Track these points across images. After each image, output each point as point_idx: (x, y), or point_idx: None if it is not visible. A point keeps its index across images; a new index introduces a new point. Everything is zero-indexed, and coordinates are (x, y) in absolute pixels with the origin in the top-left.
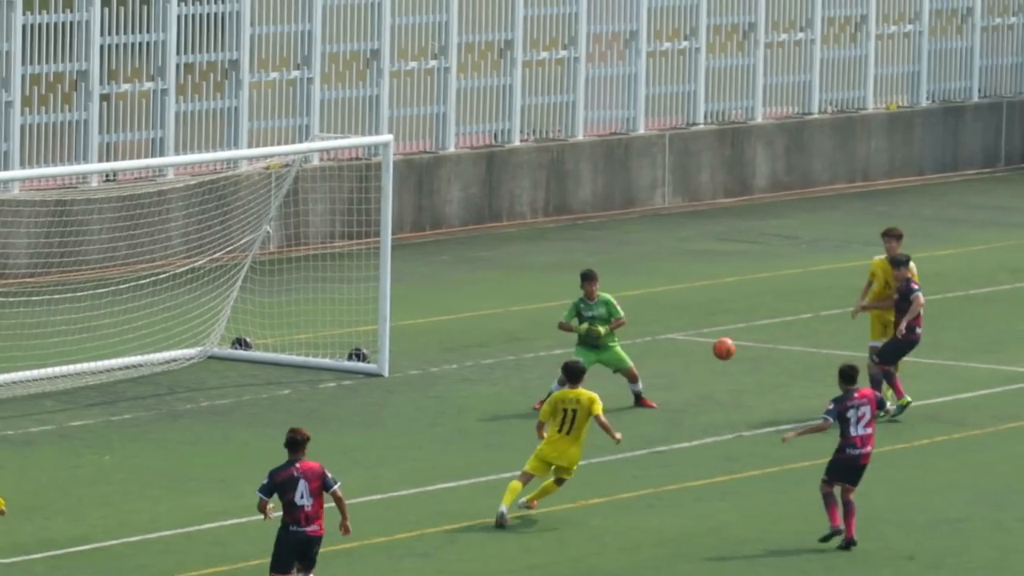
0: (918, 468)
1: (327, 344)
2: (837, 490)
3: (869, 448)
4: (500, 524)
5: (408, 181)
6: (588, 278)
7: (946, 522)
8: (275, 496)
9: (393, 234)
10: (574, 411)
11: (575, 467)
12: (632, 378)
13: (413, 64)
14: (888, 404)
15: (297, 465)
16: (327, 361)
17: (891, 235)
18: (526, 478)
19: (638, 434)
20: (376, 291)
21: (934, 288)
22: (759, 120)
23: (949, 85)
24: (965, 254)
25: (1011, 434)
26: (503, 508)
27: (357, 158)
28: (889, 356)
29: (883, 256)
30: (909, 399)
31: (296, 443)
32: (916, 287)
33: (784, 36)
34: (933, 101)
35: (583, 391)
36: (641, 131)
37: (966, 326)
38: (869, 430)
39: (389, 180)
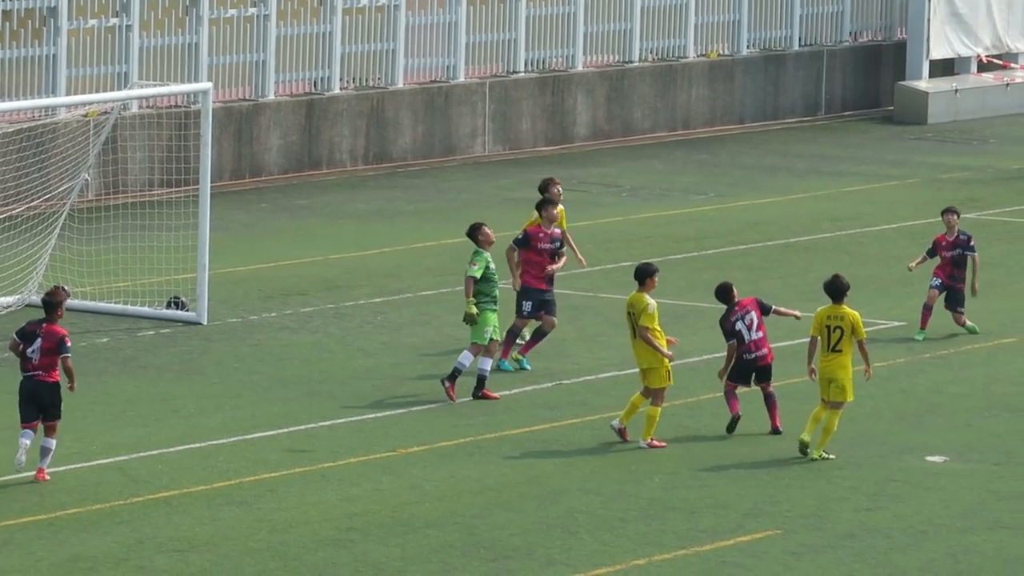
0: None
1: (146, 292)
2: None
3: (764, 350)
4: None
5: (227, 129)
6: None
7: (766, 470)
8: None
9: (212, 182)
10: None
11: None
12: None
13: (233, 12)
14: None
15: (43, 325)
16: (146, 309)
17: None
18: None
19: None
20: (195, 239)
21: (755, 237)
22: (580, 68)
23: (770, 34)
24: (786, 202)
25: None
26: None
27: (176, 106)
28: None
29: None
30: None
31: (48, 304)
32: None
33: None
34: (754, 49)
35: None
36: (461, 79)
37: (786, 274)
38: (760, 333)
39: (208, 128)
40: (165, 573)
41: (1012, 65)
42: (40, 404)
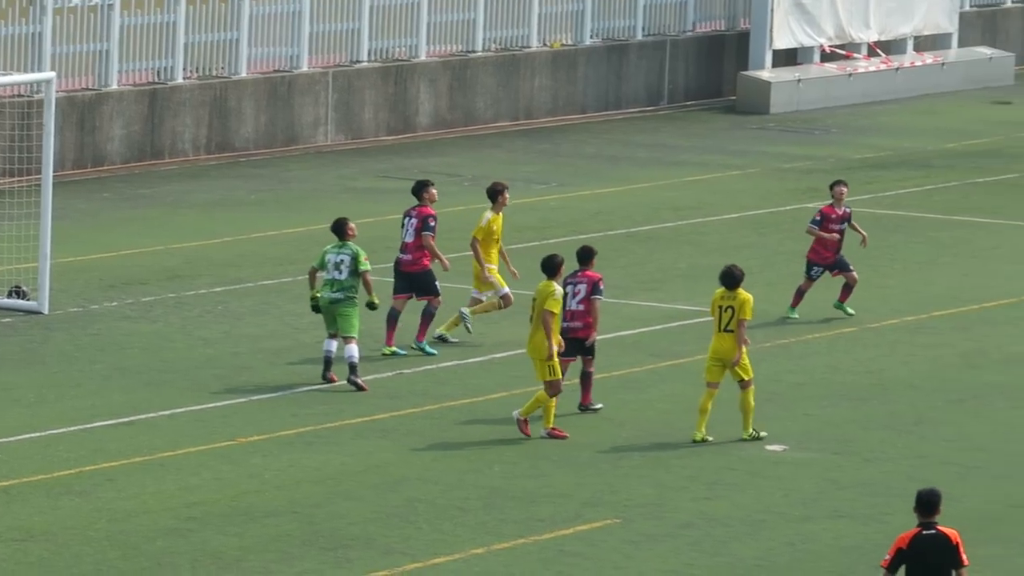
0: (564, 405)
1: None
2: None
3: (577, 324)
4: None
5: (70, 118)
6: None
7: (605, 459)
8: None
9: (55, 171)
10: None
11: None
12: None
13: (77, 1)
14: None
15: None
16: None
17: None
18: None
19: (296, 372)
20: (37, 228)
21: (597, 226)
22: (423, 58)
23: (613, 23)
24: (627, 192)
25: (669, 371)
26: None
27: (19, 95)
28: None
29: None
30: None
31: None
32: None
33: None
34: (597, 39)
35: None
36: (305, 69)
37: (628, 264)
38: (581, 307)
39: (51, 117)
40: (3, 562)
41: (855, 55)
42: None
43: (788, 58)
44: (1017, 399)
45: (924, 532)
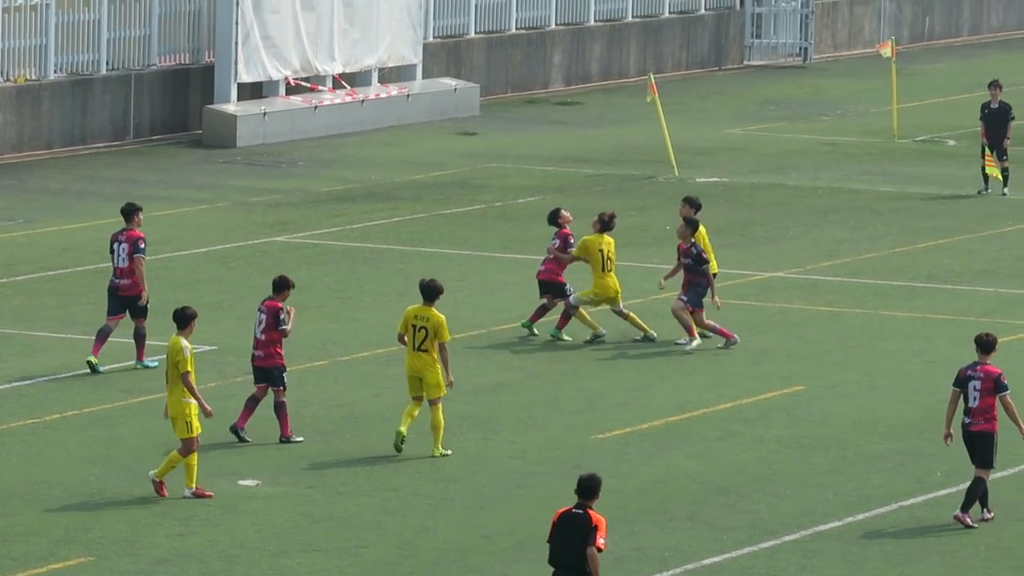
0: (48, 443)
1: None
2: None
3: (260, 352)
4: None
5: None
6: None
7: (77, 496)
8: None
9: None
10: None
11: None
12: None
13: None
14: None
15: None
16: None
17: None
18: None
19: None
20: None
21: (64, 262)
22: None
23: (77, 58)
24: (94, 227)
25: (140, 408)
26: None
27: None
28: None
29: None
30: None
31: None
32: None
33: None
34: (61, 74)
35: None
36: None
37: (96, 300)
38: (263, 336)
39: None
40: None
41: (320, 88)
42: None
43: (254, 91)
44: (487, 430)
45: (573, 511)
